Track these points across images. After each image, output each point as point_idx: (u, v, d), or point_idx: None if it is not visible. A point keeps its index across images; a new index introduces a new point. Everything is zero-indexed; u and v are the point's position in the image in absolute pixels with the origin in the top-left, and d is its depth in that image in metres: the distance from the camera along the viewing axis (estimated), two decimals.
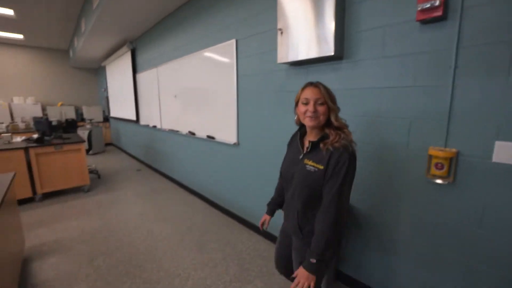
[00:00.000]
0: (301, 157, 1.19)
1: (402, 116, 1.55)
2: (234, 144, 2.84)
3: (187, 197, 3.85)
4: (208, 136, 3.22)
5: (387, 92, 1.61)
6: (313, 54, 1.79)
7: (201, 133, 3.40)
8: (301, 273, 1.09)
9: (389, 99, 1.60)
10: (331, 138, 1.09)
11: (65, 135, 4.36)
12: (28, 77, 7.65)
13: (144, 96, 5.17)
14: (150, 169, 5.42)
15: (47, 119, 4.07)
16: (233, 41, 2.67)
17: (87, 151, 4.26)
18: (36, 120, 4.13)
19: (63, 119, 7.55)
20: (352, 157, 1.08)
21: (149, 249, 2.52)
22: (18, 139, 4.06)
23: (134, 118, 5.68)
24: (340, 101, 1.21)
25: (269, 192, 2.60)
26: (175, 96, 3.86)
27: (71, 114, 7.82)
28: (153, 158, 5.24)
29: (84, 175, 4.01)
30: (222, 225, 2.99)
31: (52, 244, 2.62)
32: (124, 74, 5.96)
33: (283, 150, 1.41)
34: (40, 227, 2.97)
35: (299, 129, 1.28)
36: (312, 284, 1.07)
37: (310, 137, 1.20)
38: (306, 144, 1.21)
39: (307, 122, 1.14)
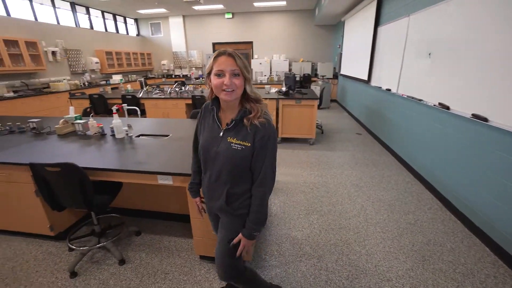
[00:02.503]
0: (221, 134, 1.10)
1: None
2: None
3: (411, 182, 3.16)
4: (474, 115, 2.19)
5: None
6: None
7: (460, 108, 2.39)
8: (244, 241, 1.15)
9: None
10: (254, 113, 1.05)
11: (303, 90, 4.93)
12: (283, 37, 9.36)
13: (382, 54, 4.53)
14: (370, 135, 5.05)
15: (294, 75, 4.74)
16: None
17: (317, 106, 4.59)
18: (286, 75, 4.95)
19: (302, 74, 8.78)
20: (274, 130, 1.09)
21: (359, 228, 2.33)
22: (272, 90, 5.13)
23: (365, 77, 5.30)
24: None
25: None
26: (429, 54, 2.93)
27: (308, 70, 8.88)
28: (377, 124, 4.77)
29: (312, 129, 4.42)
30: (460, 242, 2.14)
31: (283, 184, 3.17)
32: (363, 28, 5.52)
33: None
34: (277, 165, 3.70)
35: (213, 103, 1.13)
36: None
37: (228, 111, 1.12)
38: (225, 119, 1.13)
39: (224, 97, 1.03)
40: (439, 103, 2.71)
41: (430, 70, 2.93)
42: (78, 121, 2.55)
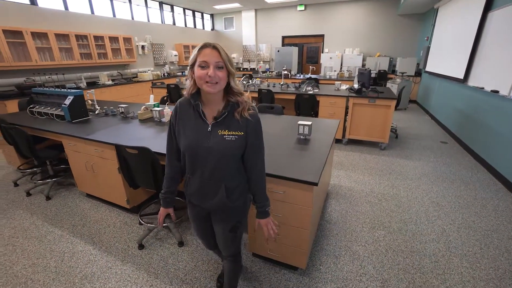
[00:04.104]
0: (209, 129, 1.08)
1: None
2: None
3: None
4: None
5: None
6: None
7: None
8: (264, 222, 1.23)
9: None
10: (242, 106, 1.08)
11: (379, 89, 4.41)
12: (358, 29, 8.54)
13: (490, 46, 3.67)
14: (459, 145, 4.22)
15: (369, 71, 4.26)
16: None
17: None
18: (360, 71, 4.49)
19: (377, 70, 7.92)
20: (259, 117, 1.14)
21: (438, 257, 1.94)
22: (343, 87, 4.75)
23: (459, 75, 4.42)
24: None
25: None
26: None
27: (384, 65, 7.95)
28: (471, 132, 3.94)
29: (385, 133, 3.93)
30: None
31: (346, 190, 2.90)
32: (464, 15, 4.58)
33: None
34: (341, 169, 3.42)
35: (194, 99, 1.08)
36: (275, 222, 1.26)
37: (211, 105, 1.10)
38: (210, 114, 1.10)
39: (207, 89, 1.01)
40: None
41: None
42: (156, 108, 2.80)
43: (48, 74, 5.04)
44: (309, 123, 2.07)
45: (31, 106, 3.19)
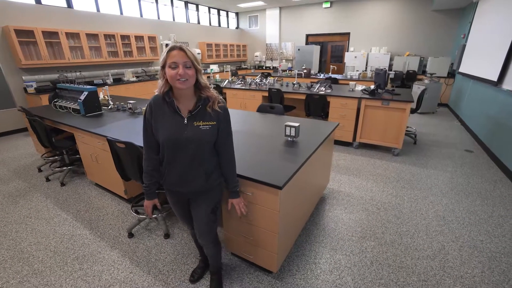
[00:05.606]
0: (185, 122, 1.20)
1: None
2: None
3: None
4: None
5: None
6: None
7: None
8: (236, 201, 1.45)
9: None
10: (212, 100, 1.22)
11: (397, 90, 4.13)
12: (386, 27, 8.03)
13: None
14: (487, 155, 3.81)
15: (385, 72, 4.01)
16: None
17: (413, 110, 3.76)
18: (376, 72, 4.24)
19: (405, 71, 7.41)
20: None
21: (429, 276, 1.79)
22: (359, 87, 4.53)
23: (492, 77, 3.97)
24: None
25: None
26: None
27: (413, 66, 7.40)
28: (502, 142, 3.53)
29: (399, 138, 3.68)
30: None
31: (344, 196, 2.78)
32: (507, 9, 4.09)
33: None
34: (344, 174, 3.28)
35: (168, 96, 1.19)
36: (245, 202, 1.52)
37: (184, 100, 1.21)
38: (184, 108, 1.21)
39: (179, 86, 1.13)
40: None
41: None
42: None
43: (79, 70, 5.50)
44: (297, 124, 2.02)
45: (55, 100, 3.51)
